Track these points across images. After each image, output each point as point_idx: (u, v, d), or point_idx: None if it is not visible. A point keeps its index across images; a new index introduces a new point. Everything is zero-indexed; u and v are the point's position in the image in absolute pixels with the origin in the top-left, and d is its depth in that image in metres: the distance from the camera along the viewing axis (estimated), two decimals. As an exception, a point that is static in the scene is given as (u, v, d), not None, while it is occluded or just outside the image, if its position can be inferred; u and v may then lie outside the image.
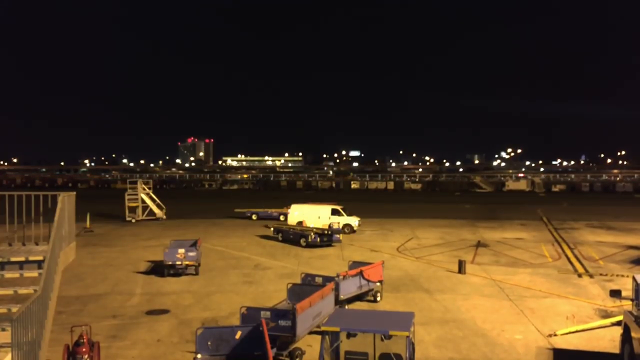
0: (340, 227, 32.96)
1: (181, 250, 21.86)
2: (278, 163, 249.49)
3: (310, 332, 13.47)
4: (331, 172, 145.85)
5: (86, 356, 11.07)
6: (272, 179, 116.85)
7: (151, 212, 43.45)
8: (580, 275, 22.44)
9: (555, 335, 14.59)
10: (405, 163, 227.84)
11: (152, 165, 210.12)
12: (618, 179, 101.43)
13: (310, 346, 13.12)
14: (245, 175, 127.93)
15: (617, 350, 12.83)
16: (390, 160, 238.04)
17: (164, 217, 43.49)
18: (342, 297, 16.37)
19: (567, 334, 14.66)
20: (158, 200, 44.60)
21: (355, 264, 18.85)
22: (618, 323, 13.91)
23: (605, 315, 16.46)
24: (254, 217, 43.24)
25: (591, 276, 22.15)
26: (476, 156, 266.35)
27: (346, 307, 16.56)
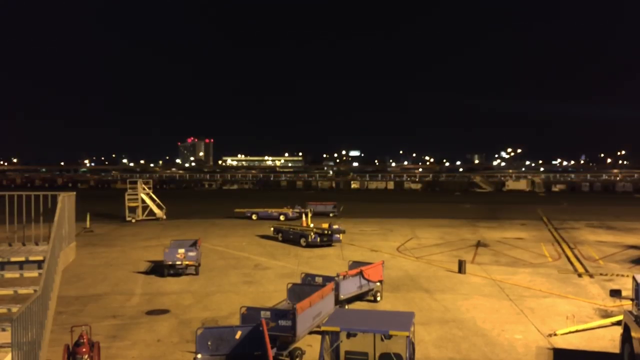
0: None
1: (181, 250, 21.85)
2: (278, 163, 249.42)
3: (310, 332, 13.47)
4: (331, 172, 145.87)
5: (86, 356, 11.05)
6: (272, 179, 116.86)
7: (151, 212, 43.45)
8: (580, 275, 22.42)
9: (555, 335, 14.58)
10: (405, 163, 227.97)
11: (152, 165, 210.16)
12: (618, 179, 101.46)
13: (310, 346, 13.12)
14: (244, 175, 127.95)
15: (617, 350, 12.81)
16: (390, 160, 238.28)
17: (164, 217, 43.50)
18: (342, 297, 16.35)
19: (567, 333, 14.64)
20: (158, 200, 44.60)
21: (355, 264, 18.83)
22: (618, 323, 13.90)
23: (605, 315, 16.44)
24: (254, 217, 43.23)
25: (591, 276, 22.14)
26: (476, 156, 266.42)
27: (346, 307, 16.55)
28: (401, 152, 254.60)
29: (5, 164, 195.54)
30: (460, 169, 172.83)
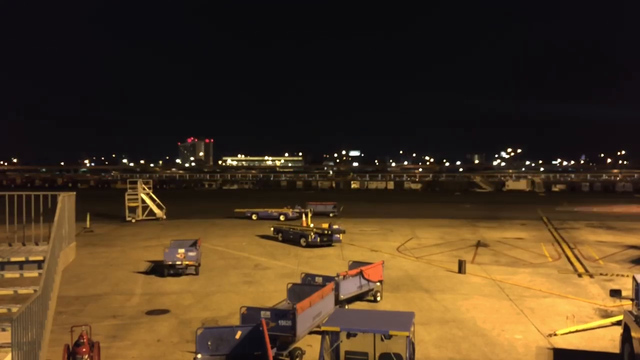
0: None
1: (181, 250, 21.84)
2: (278, 163, 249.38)
3: (310, 332, 13.47)
4: (331, 172, 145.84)
5: (86, 356, 11.05)
6: (272, 179, 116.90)
7: (151, 212, 43.46)
8: (580, 275, 22.42)
9: (555, 335, 14.58)
10: (405, 163, 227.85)
11: (152, 165, 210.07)
12: (618, 179, 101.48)
13: (310, 346, 13.11)
14: (244, 175, 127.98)
15: (617, 350, 12.81)
16: (390, 160, 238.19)
17: (164, 217, 43.50)
18: (342, 297, 16.35)
19: (567, 333, 14.64)
20: (158, 200, 44.62)
21: (355, 264, 18.83)
22: (618, 323, 13.90)
23: (605, 315, 16.44)
24: (254, 217, 43.24)
25: (591, 276, 22.14)
26: (476, 156, 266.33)
27: (346, 307, 16.55)
28: (401, 152, 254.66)
29: (5, 164, 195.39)
30: (460, 169, 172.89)
